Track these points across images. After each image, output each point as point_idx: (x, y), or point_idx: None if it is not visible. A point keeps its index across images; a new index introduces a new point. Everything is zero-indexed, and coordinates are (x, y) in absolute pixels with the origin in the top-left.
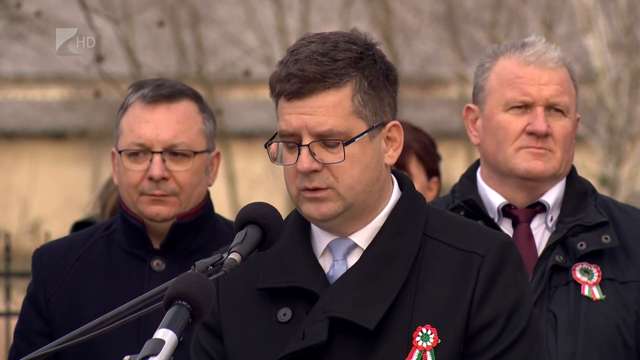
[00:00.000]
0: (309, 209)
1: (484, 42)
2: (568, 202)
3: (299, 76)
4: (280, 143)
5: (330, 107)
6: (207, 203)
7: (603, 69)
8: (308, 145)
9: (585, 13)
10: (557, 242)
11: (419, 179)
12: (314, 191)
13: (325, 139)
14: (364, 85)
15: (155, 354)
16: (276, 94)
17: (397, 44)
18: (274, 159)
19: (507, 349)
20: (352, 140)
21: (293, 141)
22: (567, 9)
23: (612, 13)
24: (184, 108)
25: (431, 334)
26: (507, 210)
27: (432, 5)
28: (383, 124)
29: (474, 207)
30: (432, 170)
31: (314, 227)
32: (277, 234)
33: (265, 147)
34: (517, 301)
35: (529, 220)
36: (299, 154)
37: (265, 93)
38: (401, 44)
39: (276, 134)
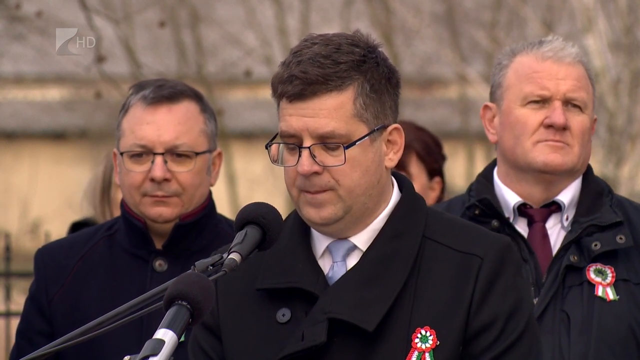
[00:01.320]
0: (310, 213)
1: (484, 42)
2: (583, 201)
3: (302, 78)
4: (281, 144)
5: (332, 110)
6: (209, 203)
7: (603, 69)
8: (309, 148)
9: (585, 13)
10: (571, 242)
11: (419, 179)
12: (314, 193)
13: (326, 142)
14: (366, 89)
15: (155, 354)
16: (278, 95)
17: (397, 44)
18: (274, 160)
19: (506, 351)
20: (353, 143)
21: (294, 143)
22: (567, 9)
23: (612, 13)
24: (185, 109)
25: (430, 335)
26: (522, 210)
27: (432, 5)
28: (384, 127)
29: (489, 206)
30: (434, 170)
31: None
32: (277, 234)
33: (266, 148)
34: (516, 304)
35: (545, 220)
36: (299, 155)
37: (265, 93)
38: (401, 44)
39: (277, 134)
